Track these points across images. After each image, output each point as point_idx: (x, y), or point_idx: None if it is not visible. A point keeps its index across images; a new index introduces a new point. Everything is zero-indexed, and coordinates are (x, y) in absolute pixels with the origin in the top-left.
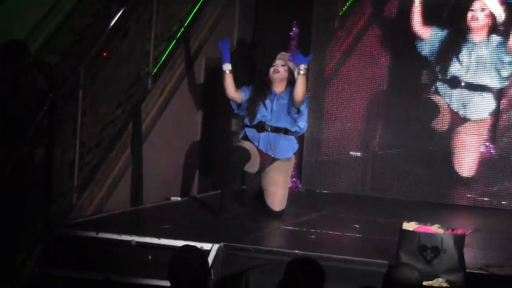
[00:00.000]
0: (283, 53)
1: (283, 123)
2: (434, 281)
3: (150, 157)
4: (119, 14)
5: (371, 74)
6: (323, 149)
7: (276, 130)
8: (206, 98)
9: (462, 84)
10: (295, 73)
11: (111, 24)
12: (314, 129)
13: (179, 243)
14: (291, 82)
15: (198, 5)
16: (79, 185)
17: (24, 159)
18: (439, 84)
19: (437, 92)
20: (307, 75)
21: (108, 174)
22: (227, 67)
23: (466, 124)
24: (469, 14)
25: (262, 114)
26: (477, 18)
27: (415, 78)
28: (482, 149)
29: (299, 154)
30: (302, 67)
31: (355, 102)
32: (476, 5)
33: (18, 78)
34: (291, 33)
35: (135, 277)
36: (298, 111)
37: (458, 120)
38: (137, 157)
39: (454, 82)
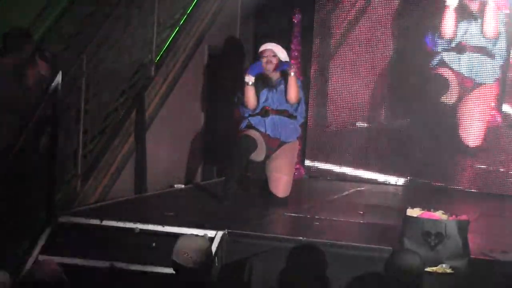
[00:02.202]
0: (269, 43)
1: (286, 106)
2: (438, 267)
3: (154, 144)
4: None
5: (376, 48)
6: (326, 136)
7: (280, 112)
8: (209, 86)
9: (468, 49)
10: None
11: (114, 12)
12: (316, 117)
13: (183, 230)
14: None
15: None
16: (83, 173)
17: (28, 147)
18: (444, 54)
19: (444, 62)
20: (296, 73)
21: (112, 161)
22: (250, 79)
23: (474, 91)
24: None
25: (264, 100)
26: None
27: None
28: (488, 118)
29: (303, 142)
30: (290, 69)
31: (360, 76)
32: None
33: (21, 66)
34: (294, 19)
35: (139, 265)
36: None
37: (469, 85)
38: (141, 144)
39: (459, 48)
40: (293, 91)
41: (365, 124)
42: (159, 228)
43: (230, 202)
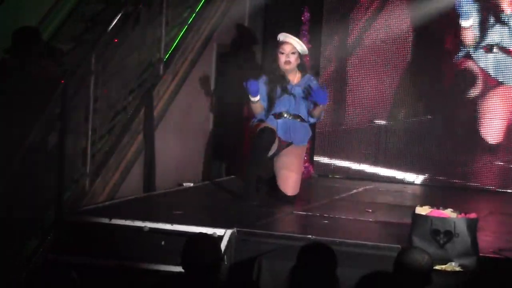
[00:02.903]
0: (286, 35)
1: (302, 112)
2: (447, 265)
3: (162, 143)
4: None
5: (390, 44)
6: (335, 135)
7: (294, 117)
8: (218, 84)
9: (495, 49)
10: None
11: (122, 10)
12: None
13: (192, 228)
14: (302, 67)
15: None
16: (92, 172)
17: (37, 146)
18: (471, 50)
19: (470, 57)
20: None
21: (121, 160)
22: (255, 99)
23: (497, 90)
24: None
25: (281, 105)
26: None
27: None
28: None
29: (312, 140)
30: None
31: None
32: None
33: (30, 65)
34: (302, 18)
35: (148, 263)
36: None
37: (492, 83)
38: (149, 143)
39: (488, 48)
40: (318, 113)
41: (380, 122)
42: (168, 226)
43: (254, 202)
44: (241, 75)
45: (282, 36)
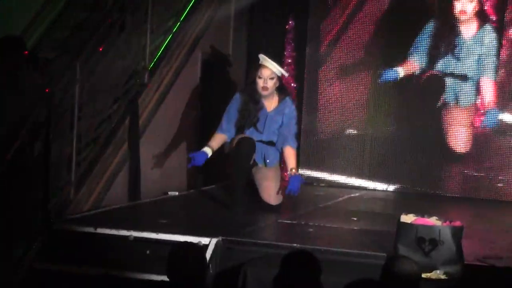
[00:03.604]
0: (266, 58)
1: (273, 137)
2: (432, 273)
3: (148, 151)
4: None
5: (365, 57)
6: (320, 143)
7: (267, 143)
8: (203, 92)
9: (450, 74)
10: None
11: (107, 18)
12: (310, 124)
13: (178, 237)
14: (280, 89)
15: None
16: (77, 180)
17: (22, 154)
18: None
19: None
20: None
21: (106, 169)
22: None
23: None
24: (458, 6)
25: (253, 134)
26: (466, 11)
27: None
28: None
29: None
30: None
31: (350, 95)
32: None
33: (14, 73)
34: (287, 26)
35: (133, 272)
36: None
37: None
38: (135, 151)
39: (443, 73)
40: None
41: (358, 132)
42: (153, 235)
43: (242, 209)
44: (226, 83)
45: (261, 58)
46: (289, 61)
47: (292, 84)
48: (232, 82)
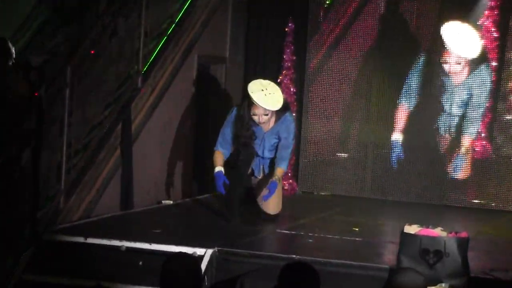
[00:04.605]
0: (257, 98)
1: (271, 154)
2: (437, 286)
3: (141, 159)
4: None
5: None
6: (320, 150)
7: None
8: (199, 97)
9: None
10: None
11: (99, 21)
12: (310, 129)
13: (171, 248)
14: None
15: (190, 0)
16: (67, 189)
17: (11, 162)
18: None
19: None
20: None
21: (97, 177)
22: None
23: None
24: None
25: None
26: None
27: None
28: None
29: (296, 155)
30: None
31: (350, 101)
32: (451, 59)
33: (2, 78)
34: (286, 29)
35: (125, 284)
36: None
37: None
38: (127, 159)
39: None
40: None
41: (360, 139)
42: (146, 246)
43: (239, 219)
44: (223, 88)
45: (253, 98)
46: (288, 65)
47: (292, 89)
48: (229, 87)
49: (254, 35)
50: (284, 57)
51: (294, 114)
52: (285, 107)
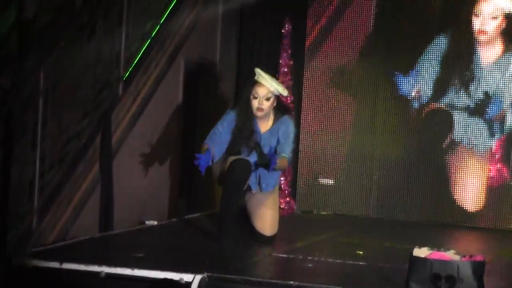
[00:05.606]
0: (263, 75)
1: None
2: None
3: (122, 174)
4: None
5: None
6: (320, 165)
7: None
8: (186, 106)
9: (463, 110)
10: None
11: (75, 21)
12: (310, 143)
13: (156, 274)
14: (278, 108)
15: None
16: (40, 207)
17: None
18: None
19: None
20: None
21: (74, 194)
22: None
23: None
24: (477, 23)
25: (247, 156)
26: (486, 31)
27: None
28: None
29: (293, 173)
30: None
31: (354, 112)
32: (486, 9)
33: None
34: (283, 30)
35: None
36: None
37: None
38: (107, 174)
39: (453, 108)
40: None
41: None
42: (127, 271)
43: (231, 241)
44: (213, 95)
45: (257, 74)
46: (285, 70)
47: (289, 97)
48: (219, 93)
49: (247, 37)
50: (280, 61)
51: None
52: (285, 110)
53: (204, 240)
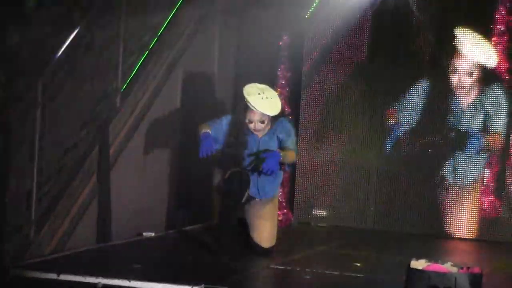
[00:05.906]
0: (252, 101)
1: None
2: None
3: (119, 185)
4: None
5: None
6: (318, 177)
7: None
8: (184, 117)
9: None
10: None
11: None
12: (307, 154)
13: (153, 286)
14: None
15: (174, 11)
16: (37, 219)
17: None
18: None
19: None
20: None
21: (71, 205)
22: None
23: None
24: (455, 78)
25: (246, 162)
26: (464, 86)
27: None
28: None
29: (291, 183)
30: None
31: (351, 123)
32: (462, 67)
33: None
34: (280, 42)
35: None
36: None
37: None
38: (104, 185)
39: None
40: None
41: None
42: (125, 283)
43: (228, 253)
44: (211, 106)
45: (248, 100)
46: (283, 82)
47: (286, 109)
48: (217, 105)
49: (245, 49)
50: (278, 73)
51: None
52: (281, 113)
53: (201, 252)
